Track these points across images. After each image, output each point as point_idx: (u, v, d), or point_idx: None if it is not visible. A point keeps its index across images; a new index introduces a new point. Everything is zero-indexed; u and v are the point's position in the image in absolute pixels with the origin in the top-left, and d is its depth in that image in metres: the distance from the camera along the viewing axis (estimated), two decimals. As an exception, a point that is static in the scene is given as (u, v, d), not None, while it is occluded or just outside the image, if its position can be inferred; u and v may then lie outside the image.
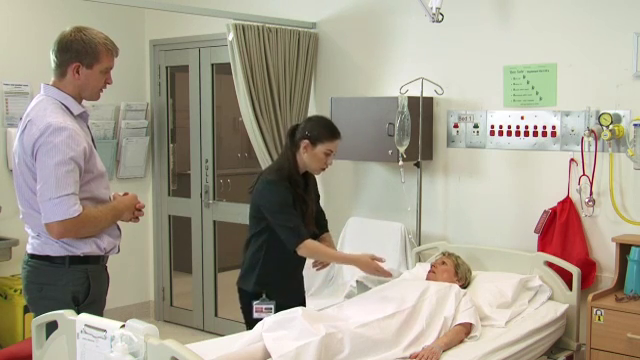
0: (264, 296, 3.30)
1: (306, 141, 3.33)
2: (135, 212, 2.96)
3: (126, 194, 2.98)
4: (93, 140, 2.91)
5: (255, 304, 3.30)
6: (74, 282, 2.77)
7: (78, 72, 2.77)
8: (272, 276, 3.35)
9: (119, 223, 2.97)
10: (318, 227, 3.56)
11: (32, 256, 2.82)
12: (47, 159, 2.63)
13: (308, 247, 3.24)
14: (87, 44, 2.75)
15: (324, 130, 3.35)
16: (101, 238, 2.81)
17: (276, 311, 3.17)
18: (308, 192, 3.43)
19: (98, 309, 2.83)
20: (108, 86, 2.90)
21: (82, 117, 2.86)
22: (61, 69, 2.79)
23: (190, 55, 5.63)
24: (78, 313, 2.57)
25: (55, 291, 2.76)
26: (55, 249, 2.75)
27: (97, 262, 2.84)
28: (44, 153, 2.64)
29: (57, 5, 5.24)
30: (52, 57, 2.81)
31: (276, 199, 3.27)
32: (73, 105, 2.79)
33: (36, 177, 2.68)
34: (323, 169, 3.42)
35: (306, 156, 3.34)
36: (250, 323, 3.27)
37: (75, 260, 2.76)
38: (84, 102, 2.90)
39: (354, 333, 2.91)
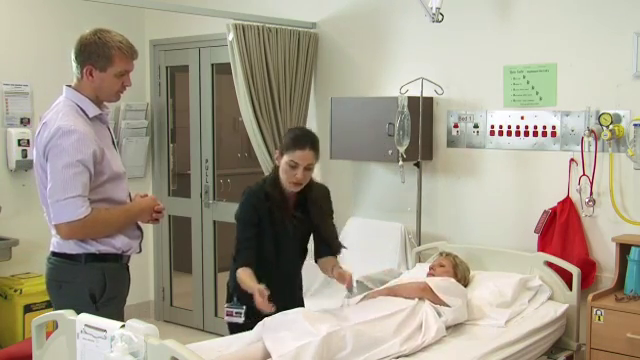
0: (235, 300, 3.13)
1: (277, 150, 3.22)
2: (153, 214, 2.97)
3: (145, 195, 3.00)
4: (114, 141, 2.94)
5: (226, 307, 3.16)
6: (91, 280, 2.79)
7: (92, 75, 2.79)
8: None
9: (140, 224, 3.00)
10: (320, 250, 3.32)
11: (53, 254, 2.86)
12: (56, 161, 2.67)
13: (237, 272, 3.08)
14: (100, 47, 2.76)
15: (290, 139, 3.16)
16: (115, 238, 2.84)
17: (246, 315, 3.05)
18: (294, 211, 3.20)
19: (117, 307, 2.86)
20: (128, 88, 2.90)
21: (100, 119, 2.88)
22: (78, 71, 2.82)
23: (190, 55, 5.63)
24: (97, 310, 2.58)
25: (73, 288, 2.79)
26: (71, 247, 2.78)
27: (115, 261, 2.86)
28: (54, 155, 2.68)
29: (57, 5, 5.23)
30: (72, 59, 2.84)
31: (238, 211, 3.20)
32: (89, 107, 2.81)
33: None
34: (294, 184, 3.13)
35: (280, 167, 3.16)
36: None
37: (91, 258, 2.79)
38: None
39: (356, 330, 2.92)
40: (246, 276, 3.05)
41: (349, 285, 3.15)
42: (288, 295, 3.26)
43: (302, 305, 3.32)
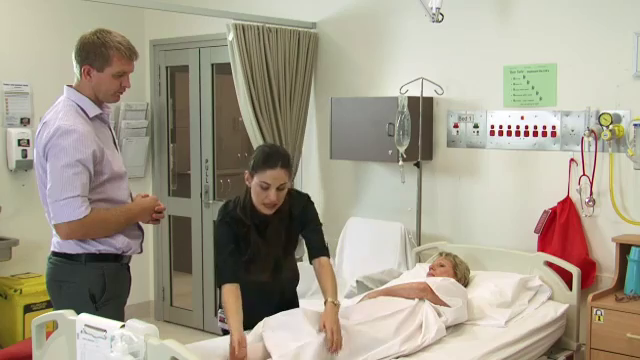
0: None
1: (247, 171, 2.99)
2: (154, 214, 2.96)
3: (146, 196, 3.00)
4: (115, 141, 2.94)
5: (220, 312, 3.14)
6: (90, 280, 2.79)
7: (89, 74, 2.79)
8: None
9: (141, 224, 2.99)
10: (309, 255, 3.16)
11: (54, 254, 2.87)
12: (55, 161, 2.67)
13: (223, 293, 2.92)
14: (98, 47, 2.76)
15: (259, 158, 2.94)
16: (115, 238, 2.83)
17: None
18: (261, 233, 3.01)
19: (117, 307, 2.85)
20: (127, 89, 2.89)
21: (101, 119, 2.88)
22: (77, 71, 2.82)
23: (190, 55, 5.63)
24: (97, 310, 2.58)
25: (73, 288, 2.79)
26: (71, 247, 2.78)
27: (115, 261, 2.86)
28: (53, 155, 2.68)
29: (57, 5, 5.23)
30: (72, 59, 2.84)
31: (216, 234, 3.08)
32: (89, 107, 2.81)
33: None
34: (267, 205, 2.93)
35: (251, 189, 2.96)
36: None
37: (91, 258, 2.79)
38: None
39: (356, 330, 2.92)
40: (231, 303, 2.88)
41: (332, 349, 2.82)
42: (276, 298, 3.18)
43: (295, 305, 3.25)
